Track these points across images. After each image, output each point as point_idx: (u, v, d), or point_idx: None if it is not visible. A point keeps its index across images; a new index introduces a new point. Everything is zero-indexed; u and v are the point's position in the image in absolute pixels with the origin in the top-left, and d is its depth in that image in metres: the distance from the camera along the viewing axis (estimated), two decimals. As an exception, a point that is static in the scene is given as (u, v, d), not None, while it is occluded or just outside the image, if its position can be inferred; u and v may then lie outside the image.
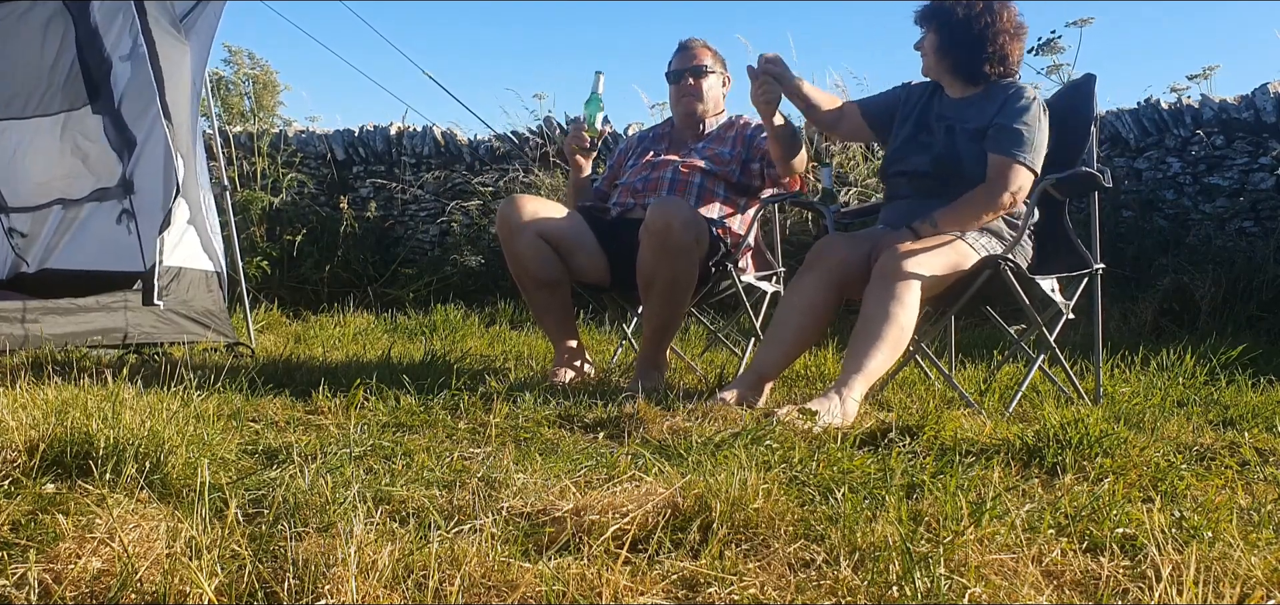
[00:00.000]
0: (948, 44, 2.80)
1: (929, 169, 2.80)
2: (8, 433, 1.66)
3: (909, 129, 2.89)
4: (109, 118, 3.88)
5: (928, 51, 2.86)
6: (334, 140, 7.08)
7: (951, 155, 2.76)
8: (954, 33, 2.78)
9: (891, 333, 2.48)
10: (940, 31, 2.81)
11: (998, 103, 2.74)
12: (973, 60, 2.78)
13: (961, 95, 2.83)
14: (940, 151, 2.79)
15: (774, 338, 2.67)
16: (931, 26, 2.83)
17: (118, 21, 3.79)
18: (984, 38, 2.75)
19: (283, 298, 6.02)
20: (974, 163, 2.72)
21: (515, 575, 1.23)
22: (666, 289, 2.91)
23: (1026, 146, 2.65)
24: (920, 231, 2.65)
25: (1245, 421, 2.58)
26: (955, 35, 2.78)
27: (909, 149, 2.87)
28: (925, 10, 2.84)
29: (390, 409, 2.39)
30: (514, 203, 3.10)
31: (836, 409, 2.34)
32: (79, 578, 1.20)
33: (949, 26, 2.79)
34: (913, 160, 2.84)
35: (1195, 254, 4.99)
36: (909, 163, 2.85)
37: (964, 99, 2.82)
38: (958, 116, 2.80)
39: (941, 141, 2.80)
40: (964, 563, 1.29)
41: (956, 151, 2.76)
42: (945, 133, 2.80)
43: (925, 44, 2.86)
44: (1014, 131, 2.67)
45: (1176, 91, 5.78)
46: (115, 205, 3.93)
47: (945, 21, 2.79)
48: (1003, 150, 2.67)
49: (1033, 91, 2.75)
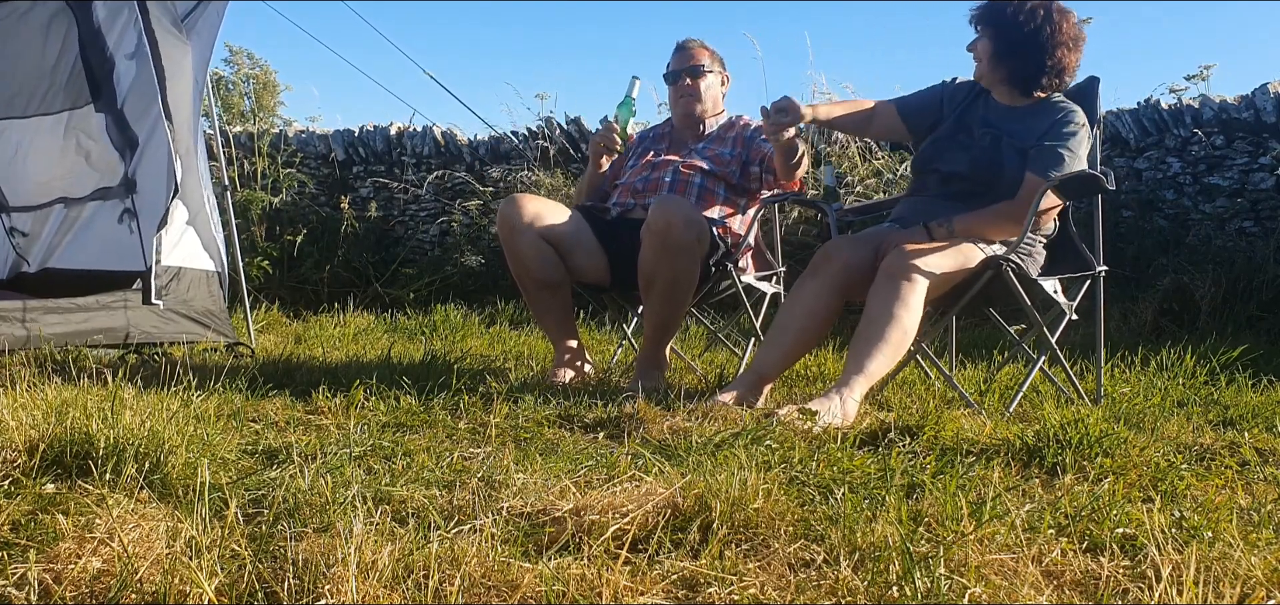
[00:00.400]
0: (1004, 51, 2.69)
1: (966, 171, 2.73)
2: (8, 433, 1.66)
3: (949, 128, 2.81)
4: (111, 116, 3.88)
5: (982, 57, 2.75)
6: (334, 140, 7.08)
7: (993, 163, 2.69)
8: (1011, 39, 2.68)
9: (894, 335, 2.46)
10: (996, 37, 2.70)
11: (1048, 121, 2.66)
12: (1029, 71, 2.69)
13: (1011, 103, 2.75)
14: (980, 157, 2.72)
15: (774, 339, 2.66)
16: (987, 30, 2.73)
17: (120, 20, 3.79)
18: (1043, 48, 2.65)
19: (283, 298, 6.03)
20: (1013, 177, 2.65)
21: (515, 575, 1.23)
22: (667, 288, 2.91)
23: (1061, 168, 2.60)
24: (935, 233, 2.61)
25: (1245, 421, 2.58)
26: (1012, 43, 2.68)
27: (946, 147, 2.79)
28: (981, 11, 2.73)
29: (390, 409, 2.39)
30: (515, 202, 3.10)
31: (837, 409, 2.34)
32: (79, 578, 1.20)
33: (1006, 32, 2.68)
34: (949, 158, 2.76)
35: (1195, 254, 4.99)
36: (945, 162, 2.78)
37: (1014, 108, 2.74)
38: (1006, 126, 2.72)
39: (983, 147, 2.73)
40: (964, 563, 1.29)
41: (1000, 161, 2.68)
42: (991, 140, 2.72)
43: (979, 47, 2.75)
44: (1058, 155, 2.61)
45: (1176, 92, 5.78)
46: (117, 204, 3.92)
47: (1002, 26, 2.69)
48: (1041, 171, 2.60)
49: (1081, 116, 2.68)
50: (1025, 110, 2.74)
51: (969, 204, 2.68)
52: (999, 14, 2.69)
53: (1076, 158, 2.64)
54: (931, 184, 2.82)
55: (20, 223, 4.19)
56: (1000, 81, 2.75)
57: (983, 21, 2.73)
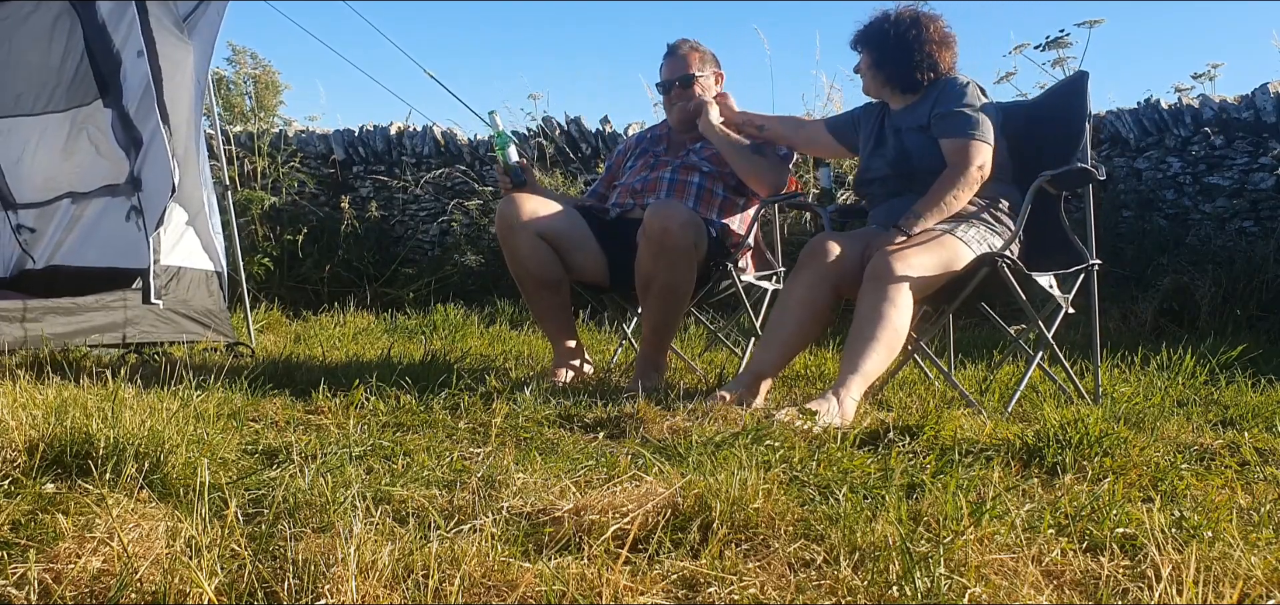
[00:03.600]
0: (880, 60, 2.97)
1: (888, 171, 2.93)
2: (8, 433, 1.66)
3: (870, 144, 3.06)
4: (117, 114, 3.88)
5: (865, 71, 3.02)
6: (334, 140, 7.08)
7: (902, 154, 2.90)
8: (885, 50, 2.95)
9: (885, 334, 2.52)
10: (873, 51, 2.98)
11: (932, 99, 2.88)
12: (905, 70, 2.93)
13: (903, 104, 2.98)
14: (892, 154, 2.92)
15: (771, 338, 2.72)
16: (866, 48, 3.00)
17: (125, 19, 3.78)
18: (912, 48, 2.90)
19: (283, 297, 6.03)
20: (923, 155, 2.84)
21: (515, 575, 1.23)
22: (664, 291, 2.91)
23: (973, 123, 2.77)
24: (905, 228, 2.71)
25: (1245, 421, 2.58)
26: (887, 52, 2.95)
27: (870, 160, 3.03)
28: (859, 35, 3.02)
29: (390, 409, 2.39)
30: (513, 202, 3.09)
31: (835, 410, 2.37)
32: (79, 577, 1.20)
33: (881, 45, 2.96)
34: (874, 167, 3.00)
35: (1195, 254, 4.99)
36: (873, 171, 3.00)
37: (905, 107, 2.97)
38: (903, 122, 2.95)
39: (893, 146, 2.94)
40: (964, 563, 1.29)
41: (905, 150, 2.89)
42: (894, 137, 2.95)
43: (862, 65, 3.02)
44: (956, 115, 2.80)
45: (1178, 91, 5.77)
46: (124, 202, 3.92)
47: (877, 41, 2.97)
48: (953, 133, 2.79)
49: (965, 78, 2.89)
50: (914, 103, 2.96)
51: (906, 195, 2.83)
52: (873, 31, 2.98)
53: (974, 109, 2.81)
54: (875, 193, 3.02)
55: (26, 219, 4.19)
56: (886, 88, 3.01)
57: (861, 42, 3.02)
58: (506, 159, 3.24)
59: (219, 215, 3.92)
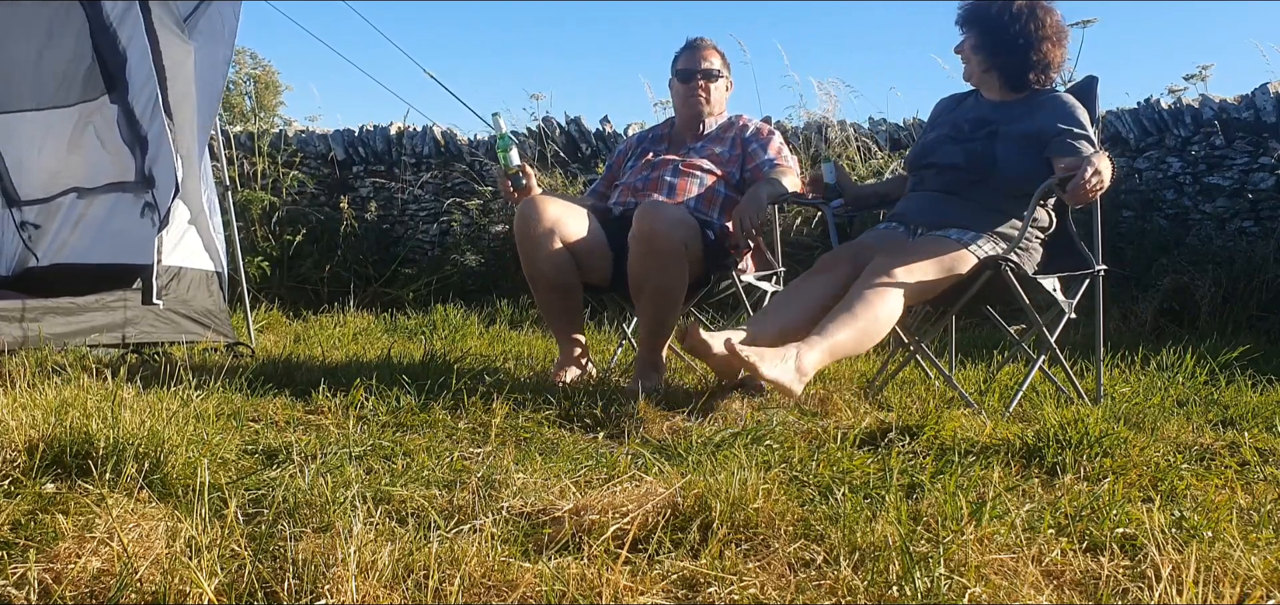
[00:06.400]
0: (990, 49, 2.77)
1: (962, 162, 2.77)
2: (8, 433, 1.66)
3: (944, 130, 2.87)
4: (123, 111, 3.87)
5: (969, 54, 2.83)
6: (334, 140, 7.08)
7: (987, 155, 2.74)
8: (996, 38, 2.75)
9: (864, 316, 2.47)
10: (983, 36, 2.78)
11: (1045, 111, 2.72)
12: (1017, 67, 2.75)
13: (1001, 99, 2.81)
14: (976, 149, 2.76)
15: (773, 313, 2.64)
16: (973, 31, 2.80)
17: (130, 17, 3.78)
18: (1029, 44, 2.72)
19: (283, 297, 6.02)
20: (1011, 166, 2.70)
21: (515, 575, 1.23)
22: (656, 293, 2.90)
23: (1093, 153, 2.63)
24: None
25: (1245, 421, 2.58)
26: (998, 41, 2.75)
27: (940, 144, 2.85)
28: (966, 12, 2.80)
29: (390, 409, 2.39)
30: (535, 204, 3.04)
31: (789, 369, 2.32)
32: (79, 577, 1.20)
33: (992, 31, 2.76)
34: (944, 153, 2.82)
35: (1195, 254, 4.99)
36: (940, 156, 2.83)
37: (1005, 103, 2.80)
38: (1001, 119, 2.77)
39: (978, 140, 2.77)
40: (964, 563, 1.29)
41: (993, 153, 2.73)
42: (985, 135, 2.77)
43: (966, 47, 2.83)
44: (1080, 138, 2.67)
45: (1176, 92, 5.78)
46: (136, 199, 3.91)
47: (988, 26, 2.76)
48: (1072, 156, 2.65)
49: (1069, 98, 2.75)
50: (1017, 104, 2.79)
51: (964, 196, 2.73)
52: (984, 14, 2.76)
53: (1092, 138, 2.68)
54: (929, 179, 2.86)
55: (30, 215, 4.18)
56: (990, 79, 2.82)
57: (968, 22, 2.81)
58: (508, 162, 3.22)
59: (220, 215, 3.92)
